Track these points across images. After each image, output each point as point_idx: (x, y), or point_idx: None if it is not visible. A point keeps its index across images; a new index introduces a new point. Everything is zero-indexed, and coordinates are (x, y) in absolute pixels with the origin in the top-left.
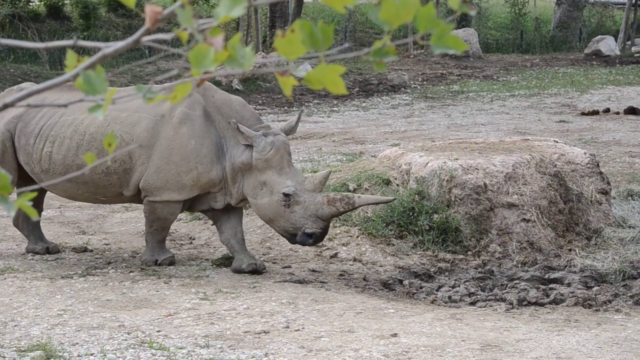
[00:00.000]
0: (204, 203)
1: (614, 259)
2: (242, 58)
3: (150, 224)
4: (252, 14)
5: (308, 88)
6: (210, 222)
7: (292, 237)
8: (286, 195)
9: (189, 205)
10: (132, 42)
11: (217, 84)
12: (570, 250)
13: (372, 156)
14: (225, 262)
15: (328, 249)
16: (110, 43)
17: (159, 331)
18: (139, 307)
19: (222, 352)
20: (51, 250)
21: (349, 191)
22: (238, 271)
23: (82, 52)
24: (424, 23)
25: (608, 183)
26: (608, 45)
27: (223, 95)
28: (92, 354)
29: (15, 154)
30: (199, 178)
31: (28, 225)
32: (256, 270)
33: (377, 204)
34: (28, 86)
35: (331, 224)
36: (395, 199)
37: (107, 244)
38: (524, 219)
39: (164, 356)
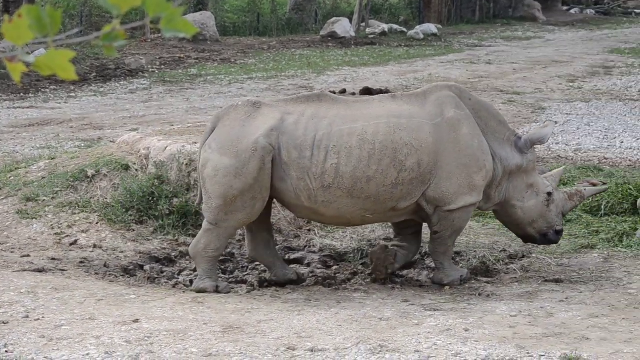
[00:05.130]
0: None
1: (352, 237)
2: None
3: (446, 241)
4: None
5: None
6: None
7: (542, 238)
8: (549, 194)
9: None
10: None
11: None
12: (309, 230)
13: (110, 142)
14: None
15: (67, 236)
16: None
17: None
18: None
19: None
20: (301, 277)
21: (87, 177)
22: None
23: None
24: (153, 7)
25: None
26: (343, 27)
27: (476, 98)
28: None
29: (270, 172)
30: (487, 175)
31: (272, 252)
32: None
33: (598, 193)
34: (257, 100)
35: (70, 211)
36: (609, 186)
37: None
38: None
39: None
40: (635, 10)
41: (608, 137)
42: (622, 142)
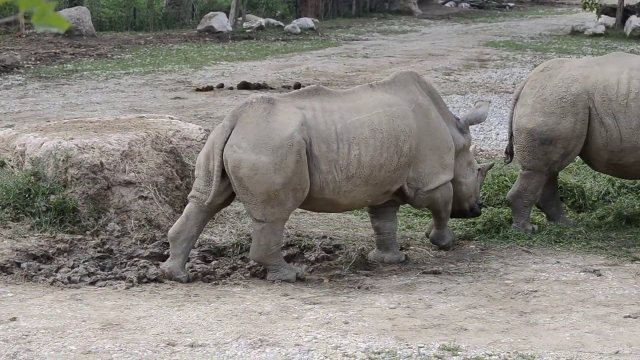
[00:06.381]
0: None
1: (232, 232)
2: None
3: (441, 213)
4: None
5: None
6: None
7: (470, 211)
8: (479, 170)
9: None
10: None
11: None
12: None
13: None
14: None
15: None
16: None
17: None
18: None
19: None
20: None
21: None
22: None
23: None
24: (25, 2)
25: None
26: (220, 21)
27: (427, 82)
28: None
29: (307, 164)
30: (453, 155)
31: (186, 247)
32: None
33: (489, 169)
34: (269, 96)
35: None
36: (493, 163)
37: None
38: (142, 196)
39: None
40: (510, 4)
41: (484, 129)
42: (498, 134)
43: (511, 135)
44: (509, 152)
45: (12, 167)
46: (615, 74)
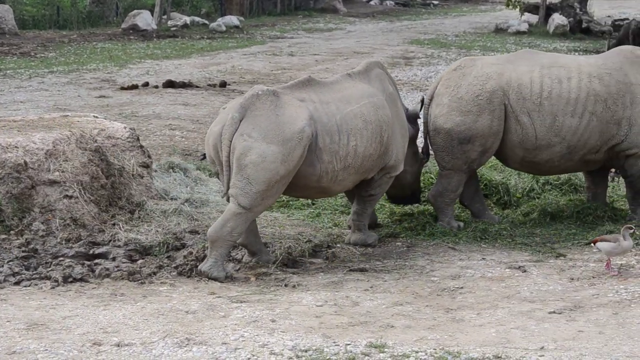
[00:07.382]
0: None
1: (158, 231)
2: None
3: (374, 203)
4: None
5: None
6: None
7: (411, 197)
8: (422, 160)
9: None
10: None
11: None
12: (114, 224)
13: None
14: None
15: None
16: None
17: None
18: None
19: None
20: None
21: None
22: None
23: None
24: None
25: (149, 156)
26: (145, 19)
27: (388, 72)
28: None
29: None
30: (407, 143)
31: (256, 237)
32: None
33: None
34: (272, 88)
35: None
36: (430, 155)
37: None
38: (67, 195)
39: None
40: (434, 2)
41: None
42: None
43: (427, 136)
44: (426, 152)
45: None
46: (528, 72)
